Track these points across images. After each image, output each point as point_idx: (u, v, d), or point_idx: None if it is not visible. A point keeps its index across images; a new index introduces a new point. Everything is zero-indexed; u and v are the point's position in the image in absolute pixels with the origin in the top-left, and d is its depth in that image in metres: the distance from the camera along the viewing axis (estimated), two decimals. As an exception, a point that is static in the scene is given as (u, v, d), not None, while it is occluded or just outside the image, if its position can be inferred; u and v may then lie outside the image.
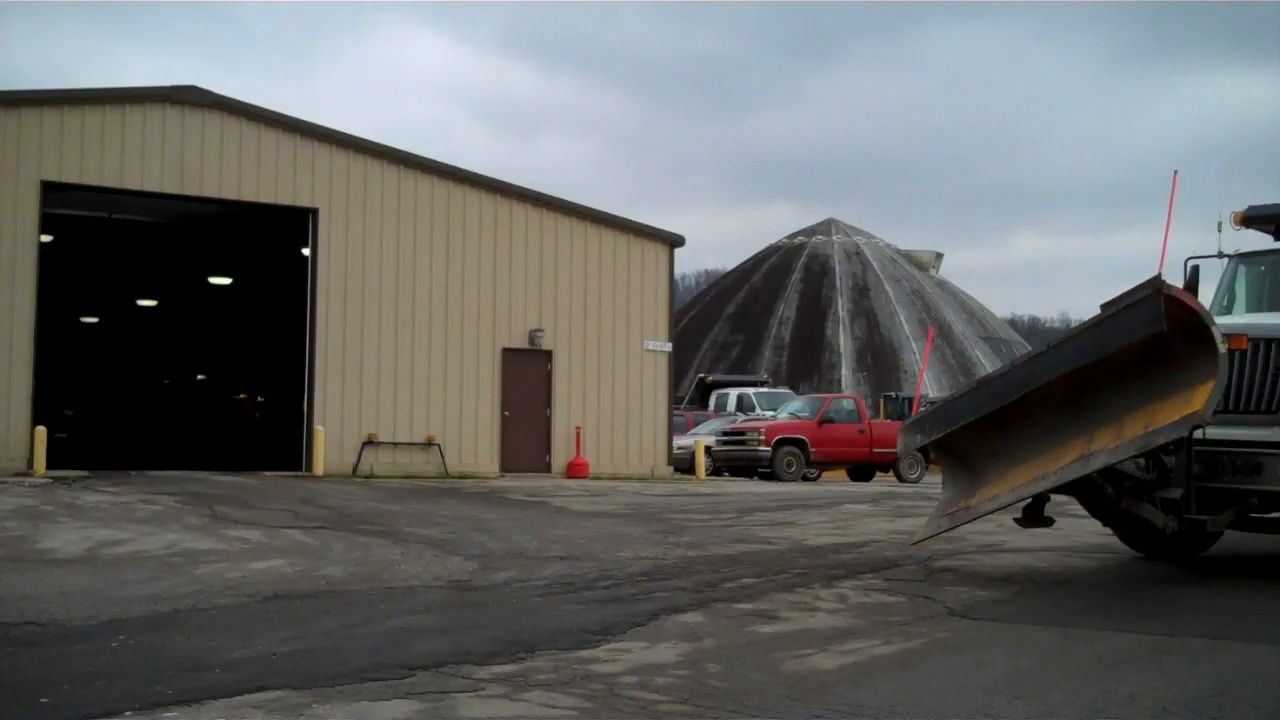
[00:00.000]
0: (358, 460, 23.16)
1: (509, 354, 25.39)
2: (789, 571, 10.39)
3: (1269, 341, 10.40)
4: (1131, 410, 9.48)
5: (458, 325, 24.76)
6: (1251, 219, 12.60)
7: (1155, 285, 9.44)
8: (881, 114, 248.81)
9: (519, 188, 25.98)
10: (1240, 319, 11.42)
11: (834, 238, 72.78)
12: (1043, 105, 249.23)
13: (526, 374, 25.60)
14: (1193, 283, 11.75)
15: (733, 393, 39.58)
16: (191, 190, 22.40)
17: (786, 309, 67.35)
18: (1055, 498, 10.69)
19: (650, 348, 27.45)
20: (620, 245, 27.04)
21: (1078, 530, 14.67)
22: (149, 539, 11.76)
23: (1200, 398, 9.03)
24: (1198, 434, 9.79)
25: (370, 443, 23.33)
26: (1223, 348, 9.16)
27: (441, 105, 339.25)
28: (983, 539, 13.30)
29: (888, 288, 68.33)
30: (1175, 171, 17.48)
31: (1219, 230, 12.12)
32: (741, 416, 35.22)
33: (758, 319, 67.41)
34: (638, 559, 11.12)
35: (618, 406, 26.84)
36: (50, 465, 20.38)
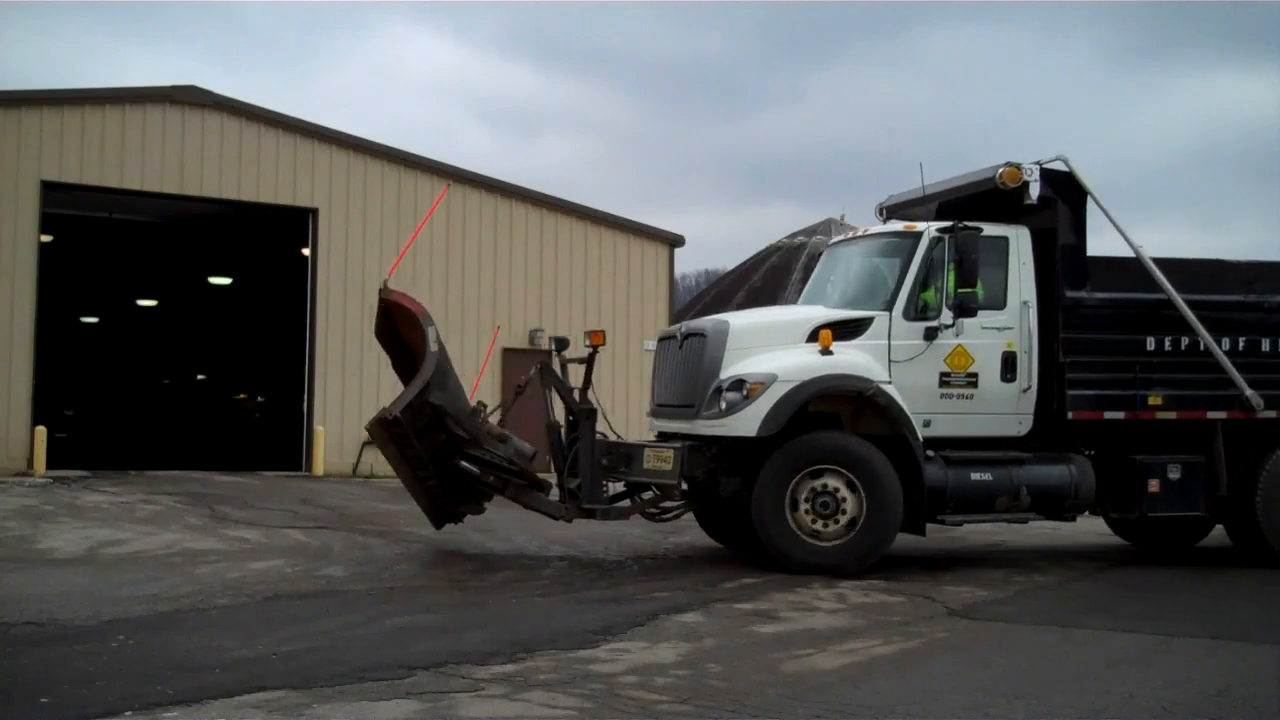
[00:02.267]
0: (358, 460, 23.14)
1: (509, 354, 25.35)
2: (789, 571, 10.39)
3: (686, 336, 10.92)
4: None
5: (458, 325, 24.70)
6: (891, 209, 12.57)
7: (379, 291, 10.51)
8: (882, 114, 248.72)
9: (519, 187, 25.96)
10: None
11: (834, 238, 72.75)
12: (1042, 105, 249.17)
13: (527, 374, 25.55)
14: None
15: (733, 393, 39.51)
16: (191, 190, 22.35)
17: (786, 309, 67.32)
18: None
19: (650, 348, 27.38)
20: (620, 245, 27.02)
21: (1077, 531, 14.66)
22: (149, 539, 11.76)
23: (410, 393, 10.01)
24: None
25: (370, 443, 23.30)
26: (434, 346, 10.09)
27: (442, 106, 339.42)
28: (983, 539, 13.31)
29: (888, 288, 68.32)
30: (446, 186, 18.69)
31: (842, 220, 12.16)
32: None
33: (758, 319, 67.32)
34: (638, 559, 11.12)
35: (618, 406, 26.77)
36: (50, 465, 20.34)
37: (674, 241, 27.94)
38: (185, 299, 36.60)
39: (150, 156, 21.81)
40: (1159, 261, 10.90)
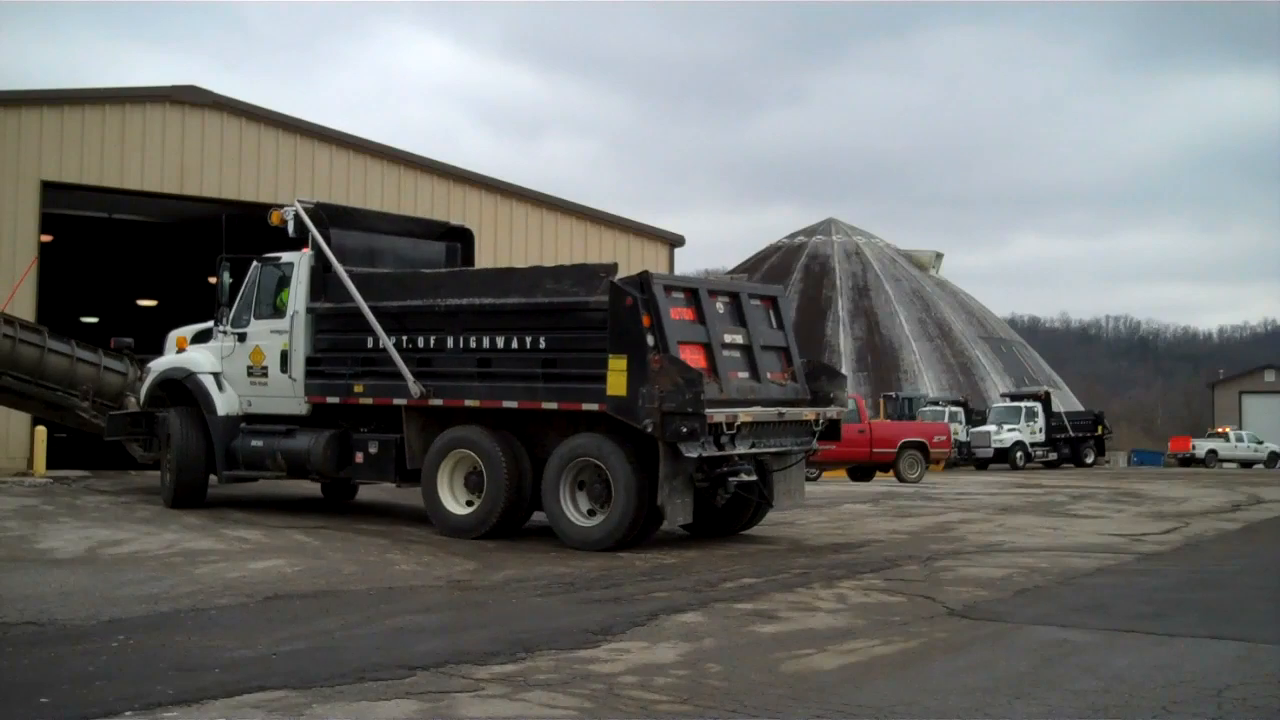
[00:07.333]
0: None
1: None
2: (789, 571, 10.39)
3: None
4: None
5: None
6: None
7: None
8: (882, 114, 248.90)
9: (519, 187, 25.96)
10: None
11: (834, 238, 72.70)
12: (1043, 106, 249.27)
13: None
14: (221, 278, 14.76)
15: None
16: (191, 190, 22.38)
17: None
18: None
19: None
20: (621, 245, 27.03)
21: (1078, 530, 14.68)
22: (149, 539, 11.76)
23: None
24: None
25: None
26: None
27: (444, 108, 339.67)
28: (983, 539, 13.31)
29: (888, 288, 68.30)
30: (35, 258, 20.73)
31: (304, 233, 13.56)
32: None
33: (758, 319, 67.19)
34: (638, 559, 11.11)
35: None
36: (50, 465, 20.35)
37: (674, 241, 27.94)
38: (185, 299, 36.60)
39: (150, 156, 21.83)
40: (384, 276, 13.42)
